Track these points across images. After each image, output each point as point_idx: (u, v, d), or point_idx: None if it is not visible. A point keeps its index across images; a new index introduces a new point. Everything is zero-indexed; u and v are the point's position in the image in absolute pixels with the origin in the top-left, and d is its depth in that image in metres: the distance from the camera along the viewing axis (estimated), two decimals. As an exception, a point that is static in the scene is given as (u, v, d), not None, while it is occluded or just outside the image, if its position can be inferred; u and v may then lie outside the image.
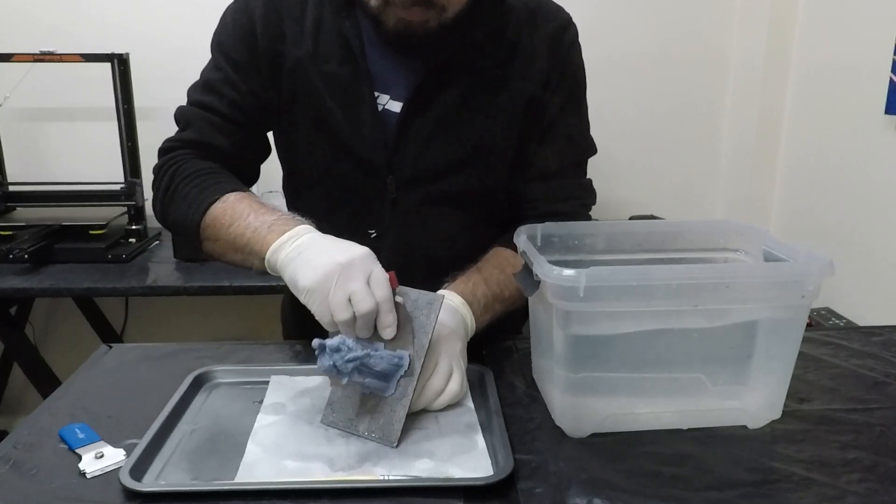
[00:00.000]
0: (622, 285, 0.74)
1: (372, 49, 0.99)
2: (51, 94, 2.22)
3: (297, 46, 0.99)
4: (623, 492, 0.70)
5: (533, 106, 1.02)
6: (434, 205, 1.04)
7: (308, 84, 0.99)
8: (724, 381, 0.82)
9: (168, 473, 0.73)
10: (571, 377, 0.79)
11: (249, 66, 1.00)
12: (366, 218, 1.04)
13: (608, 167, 2.39)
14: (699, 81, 2.37)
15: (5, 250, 1.82)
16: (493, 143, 1.03)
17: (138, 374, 0.96)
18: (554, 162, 1.07)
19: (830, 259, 0.76)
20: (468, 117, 1.00)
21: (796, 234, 2.22)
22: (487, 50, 1.00)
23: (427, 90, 0.98)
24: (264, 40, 0.99)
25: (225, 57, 1.02)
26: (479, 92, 1.00)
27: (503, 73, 1.01)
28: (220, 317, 2.42)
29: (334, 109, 0.99)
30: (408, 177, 1.02)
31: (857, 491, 0.70)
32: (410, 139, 1.00)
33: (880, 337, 1.07)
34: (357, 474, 0.72)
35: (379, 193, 1.03)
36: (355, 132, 1.00)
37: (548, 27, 1.03)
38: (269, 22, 0.99)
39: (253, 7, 1.00)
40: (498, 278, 0.97)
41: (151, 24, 2.20)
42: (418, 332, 0.80)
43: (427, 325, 0.80)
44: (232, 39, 1.01)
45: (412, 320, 0.81)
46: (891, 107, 1.74)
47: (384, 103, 1.00)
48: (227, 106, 1.01)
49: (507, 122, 1.02)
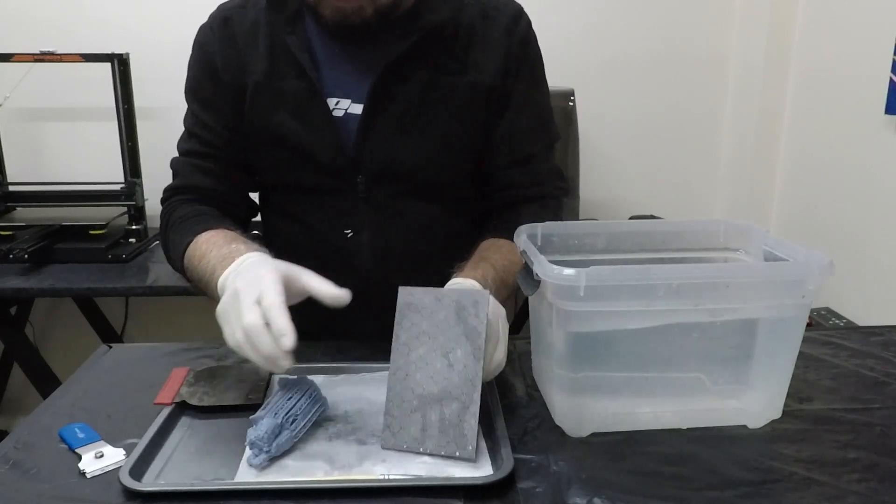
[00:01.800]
0: (622, 285, 0.74)
1: (327, 57, 1.01)
2: (51, 94, 2.22)
3: (255, 70, 1.02)
4: (623, 491, 0.70)
5: (494, 96, 1.04)
6: (406, 199, 1.05)
7: (267, 104, 1.02)
8: (724, 381, 0.82)
9: (168, 473, 0.73)
10: (571, 377, 0.79)
11: (217, 101, 1.04)
12: (340, 218, 1.06)
13: (608, 167, 2.40)
14: (699, 82, 2.37)
15: (5, 250, 1.82)
16: (457, 135, 1.04)
17: (138, 374, 0.96)
18: (525, 148, 1.08)
19: (830, 259, 0.76)
20: (429, 112, 1.02)
21: (796, 233, 2.22)
22: (442, 44, 1.01)
23: (385, 88, 1.00)
24: (226, 74, 1.03)
25: (195, 99, 1.06)
26: (437, 87, 1.01)
27: (460, 67, 1.02)
28: (220, 317, 2.41)
29: (293, 124, 1.01)
30: (377, 174, 1.03)
31: (857, 491, 0.70)
32: (374, 139, 1.01)
33: (880, 337, 1.07)
34: (357, 474, 0.72)
35: (350, 193, 1.04)
36: (316, 143, 1.02)
37: (501, 19, 1.04)
38: (228, 56, 1.03)
39: (209, 45, 1.04)
40: (503, 264, 0.98)
41: (151, 24, 2.20)
42: (471, 333, 0.77)
43: (479, 326, 0.77)
44: (198, 81, 1.06)
45: (462, 322, 0.78)
46: (891, 107, 1.74)
47: (346, 107, 1.01)
48: (204, 146, 1.06)
49: (469, 114, 1.03)
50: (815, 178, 2.12)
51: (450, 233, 1.08)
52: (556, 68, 2.29)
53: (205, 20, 1.06)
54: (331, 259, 1.05)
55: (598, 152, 2.35)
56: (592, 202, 2.36)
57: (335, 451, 0.76)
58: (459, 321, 0.78)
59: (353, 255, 1.06)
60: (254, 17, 1.03)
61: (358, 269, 1.05)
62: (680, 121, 2.40)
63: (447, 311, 0.78)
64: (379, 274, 1.04)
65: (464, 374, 0.76)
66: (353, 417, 0.83)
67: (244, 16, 1.03)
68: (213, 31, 1.04)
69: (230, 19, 1.04)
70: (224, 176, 1.07)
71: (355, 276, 1.03)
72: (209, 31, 1.05)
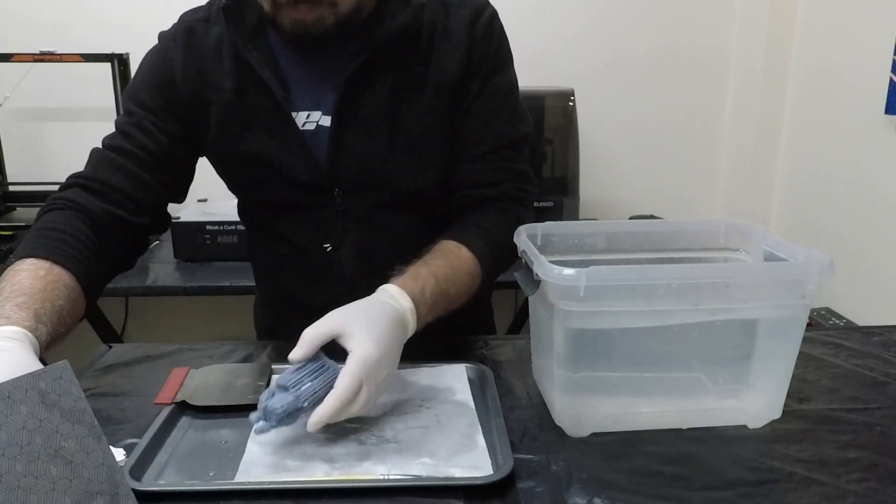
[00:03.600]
0: (622, 285, 0.74)
1: (292, 69, 0.99)
2: (51, 94, 2.22)
3: (221, 88, 0.98)
4: (623, 491, 0.70)
5: (458, 93, 1.01)
6: (384, 209, 1.03)
7: (237, 123, 0.99)
8: (724, 381, 0.82)
9: (168, 473, 0.73)
10: (571, 377, 0.79)
11: (166, 110, 0.99)
12: (319, 232, 1.04)
13: (608, 167, 2.40)
14: (700, 81, 2.37)
15: (5, 250, 1.82)
16: (428, 140, 1.01)
17: (138, 374, 0.96)
18: (484, 142, 1.03)
19: (830, 259, 0.76)
20: (398, 117, 0.99)
21: (796, 233, 2.22)
22: (405, 48, 0.98)
23: (352, 97, 0.97)
24: (185, 88, 0.99)
25: (138, 103, 1.00)
26: (403, 90, 0.99)
27: (424, 69, 0.99)
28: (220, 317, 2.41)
29: (264, 142, 0.99)
30: (352, 186, 1.01)
31: (857, 491, 0.70)
32: (346, 150, 0.99)
33: (880, 337, 1.07)
34: (357, 473, 0.72)
35: (328, 207, 1.02)
36: (289, 160, 0.99)
37: (462, 14, 1.00)
38: (189, 70, 0.99)
39: (170, 55, 1.00)
40: (445, 273, 0.93)
41: (151, 24, 2.18)
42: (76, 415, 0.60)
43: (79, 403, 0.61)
44: (148, 88, 1.00)
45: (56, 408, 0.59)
46: (891, 107, 1.74)
47: (317, 119, 0.99)
48: (133, 146, 0.98)
49: (437, 116, 1.01)
50: (815, 178, 2.12)
51: (429, 243, 0.99)
52: (556, 68, 2.32)
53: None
54: (314, 272, 1.05)
55: (598, 152, 2.35)
56: (592, 202, 2.36)
57: (335, 451, 0.76)
58: (52, 408, 0.59)
59: (335, 268, 1.04)
60: (217, 32, 0.99)
61: (341, 280, 1.04)
62: (680, 121, 2.40)
63: (30, 404, 0.58)
64: (363, 284, 0.94)
65: (94, 461, 0.60)
66: (353, 417, 0.83)
67: (208, 30, 1.00)
68: (176, 42, 1.00)
69: (194, 31, 1.00)
70: (141, 181, 0.98)
71: (339, 287, 1.02)
72: (171, 40, 1.01)
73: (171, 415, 0.82)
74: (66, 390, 0.60)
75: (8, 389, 0.57)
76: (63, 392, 0.60)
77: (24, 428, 0.57)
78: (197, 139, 1.02)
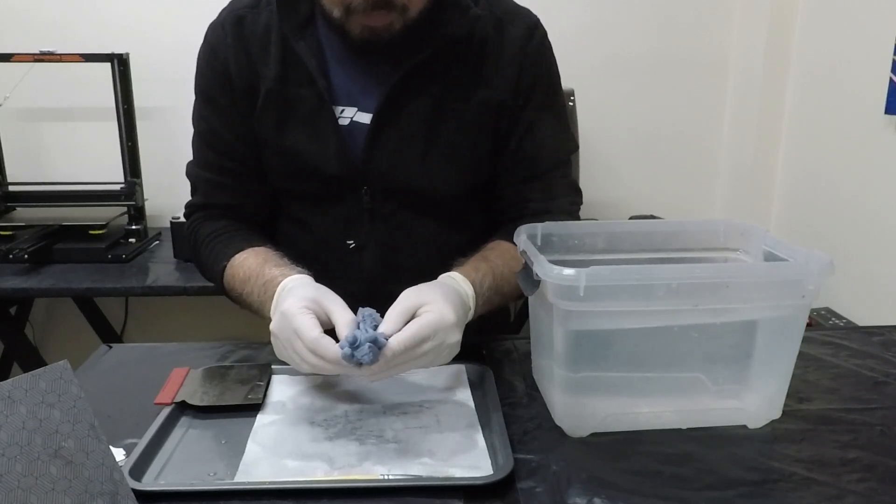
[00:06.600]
0: (622, 285, 0.74)
1: (338, 63, 0.99)
2: (51, 94, 2.22)
3: (267, 77, 0.99)
4: (623, 491, 0.70)
5: (505, 112, 1.02)
6: (410, 212, 1.04)
7: (277, 111, 1.00)
8: (724, 381, 0.82)
9: (168, 473, 0.73)
10: (571, 377, 0.79)
11: (230, 109, 1.02)
12: (344, 229, 1.05)
13: (608, 167, 2.40)
14: (700, 81, 2.37)
15: (5, 250, 1.82)
16: (465, 151, 1.02)
17: (138, 374, 0.96)
18: (540, 164, 1.06)
19: (830, 259, 0.76)
20: (438, 127, 1.00)
21: (796, 233, 2.22)
22: (455, 58, 0.99)
23: (395, 100, 0.98)
24: (239, 80, 1.00)
25: (208, 102, 1.04)
26: (447, 100, 0.99)
27: (472, 81, 1.00)
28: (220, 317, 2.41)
29: (301, 133, 1.00)
30: (382, 187, 1.02)
31: (857, 491, 0.70)
32: (381, 150, 1.00)
33: (880, 337, 1.07)
34: (357, 473, 0.72)
35: (355, 205, 1.03)
36: (322, 153, 1.00)
37: (515, 32, 1.01)
38: (240, 60, 1.00)
39: (222, 46, 1.01)
40: (502, 270, 0.97)
41: (151, 24, 2.20)
42: (76, 413, 0.60)
43: (78, 402, 0.61)
44: (210, 85, 1.03)
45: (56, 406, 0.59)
46: (891, 107, 1.73)
47: (352, 115, 1.00)
48: (219, 157, 1.05)
49: (477, 129, 1.02)
50: (815, 178, 2.12)
51: (452, 249, 1.03)
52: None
53: (205, 20, 1.04)
54: (335, 266, 1.05)
55: (598, 152, 2.34)
56: (592, 202, 2.36)
57: (335, 451, 0.76)
58: (52, 408, 0.59)
59: (356, 265, 1.05)
60: (266, 20, 0.99)
61: (361, 277, 1.05)
62: (680, 121, 2.40)
63: (30, 404, 0.58)
64: (382, 283, 1.01)
65: (94, 461, 0.60)
66: (353, 417, 0.83)
67: (257, 18, 1.00)
68: (226, 31, 1.00)
69: (243, 20, 1.00)
70: (241, 190, 1.06)
71: (359, 283, 1.03)
72: (221, 30, 1.01)
73: (171, 415, 0.82)
74: (66, 390, 0.60)
75: (8, 389, 0.57)
76: (63, 392, 0.60)
77: (24, 428, 0.57)
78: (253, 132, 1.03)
